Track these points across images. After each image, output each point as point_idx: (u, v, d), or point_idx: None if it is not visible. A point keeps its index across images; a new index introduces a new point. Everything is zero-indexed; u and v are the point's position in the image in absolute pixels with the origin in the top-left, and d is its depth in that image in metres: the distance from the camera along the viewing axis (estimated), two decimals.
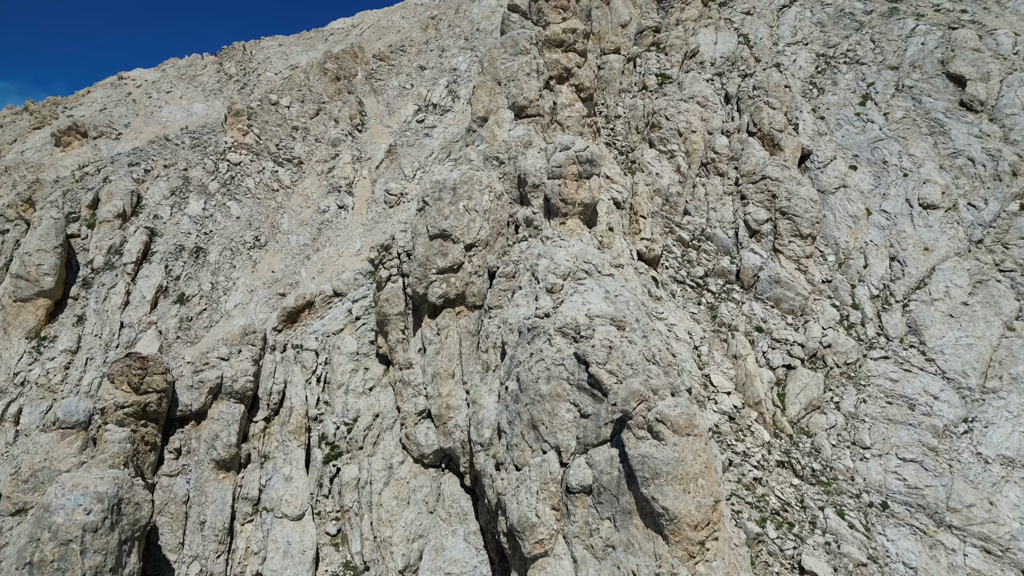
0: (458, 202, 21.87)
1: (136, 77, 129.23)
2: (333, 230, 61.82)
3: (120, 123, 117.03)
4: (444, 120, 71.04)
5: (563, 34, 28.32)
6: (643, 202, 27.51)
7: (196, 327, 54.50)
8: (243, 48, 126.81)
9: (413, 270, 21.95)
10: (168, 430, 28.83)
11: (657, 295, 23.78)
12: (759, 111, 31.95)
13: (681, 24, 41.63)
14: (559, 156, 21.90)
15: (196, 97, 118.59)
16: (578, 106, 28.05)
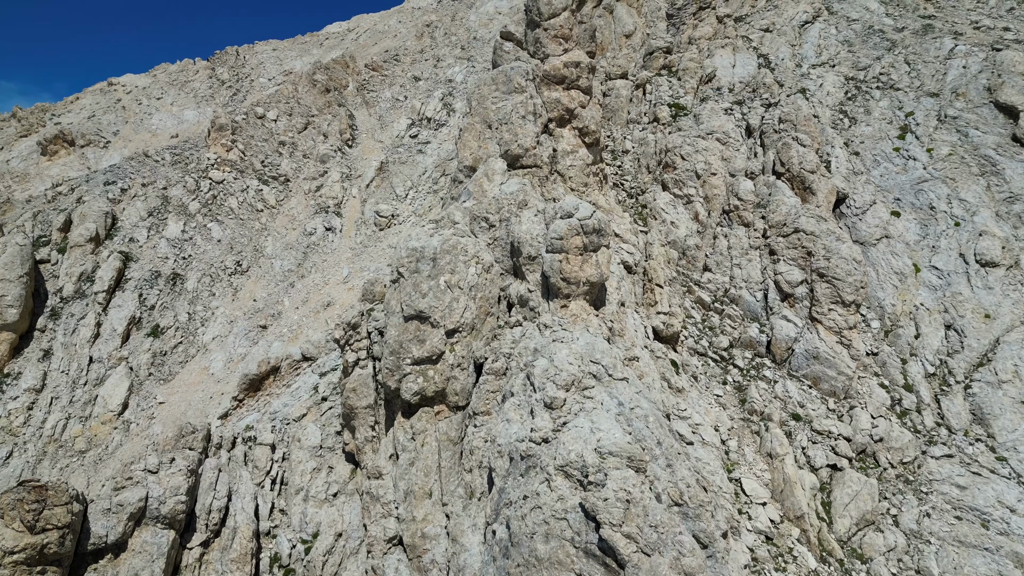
0: (439, 276, 17.73)
1: (126, 83, 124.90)
2: (320, 255, 57.58)
3: (109, 131, 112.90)
4: (439, 135, 66.72)
5: (564, 69, 24.12)
6: (659, 267, 23.26)
7: (170, 362, 50.34)
8: (236, 53, 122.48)
9: (385, 357, 17.84)
10: (77, 570, 22.96)
11: (678, 386, 19.73)
12: (787, 149, 27.67)
13: (695, 44, 37.29)
14: (560, 225, 17.69)
15: (187, 104, 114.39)
16: (582, 153, 23.77)
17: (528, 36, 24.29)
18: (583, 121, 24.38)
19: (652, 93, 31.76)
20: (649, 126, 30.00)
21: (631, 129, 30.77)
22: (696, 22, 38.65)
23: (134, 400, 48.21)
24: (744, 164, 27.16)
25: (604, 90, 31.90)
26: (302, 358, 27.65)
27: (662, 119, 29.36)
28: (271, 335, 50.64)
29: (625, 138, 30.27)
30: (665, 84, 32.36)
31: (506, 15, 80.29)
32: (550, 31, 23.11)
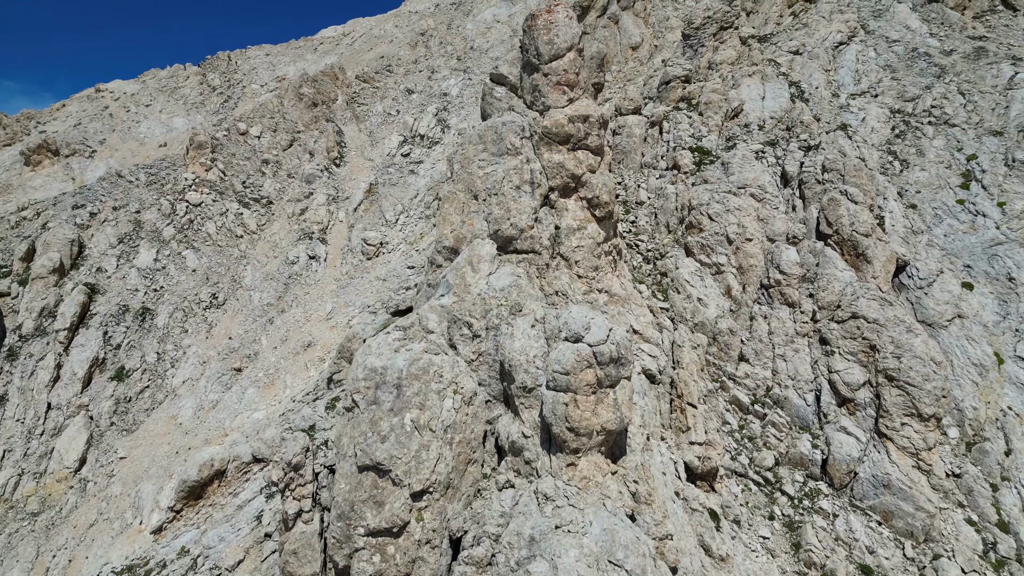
0: (404, 411, 12.98)
1: (114, 89, 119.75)
2: (302, 286, 52.58)
3: (95, 139, 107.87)
4: (432, 154, 61.64)
5: (570, 125, 18.82)
6: (691, 378, 18.31)
7: (135, 410, 45.44)
8: (228, 58, 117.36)
9: (332, 521, 13.09)
10: None
11: (720, 553, 15.05)
12: (834, 206, 22.70)
13: (716, 69, 32.23)
14: (565, 354, 12.92)
15: (177, 111, 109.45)
16: (591, 229, 18.85)
17: (524, 81, 19.27)
18: (593, 190, 19.34)
19: (670, 132, 26.86)
20: (668, 173, 25.02)
21: (646, 175, 25.83)
22: (717, 44, 33.57)
23: (93, 454, 43.34)
24: (785, 226, 22.23)
25: (614, 127, 26.93)
26: (252, 460, 22.91)
27: (683, 166, 24.39)
28: (245, 380, 45.74)
29: (639, 186, 25.35)
30: (685, 121, 27.39)
31: (505, 23, 75.15)
32: (551, 77, 18.07)
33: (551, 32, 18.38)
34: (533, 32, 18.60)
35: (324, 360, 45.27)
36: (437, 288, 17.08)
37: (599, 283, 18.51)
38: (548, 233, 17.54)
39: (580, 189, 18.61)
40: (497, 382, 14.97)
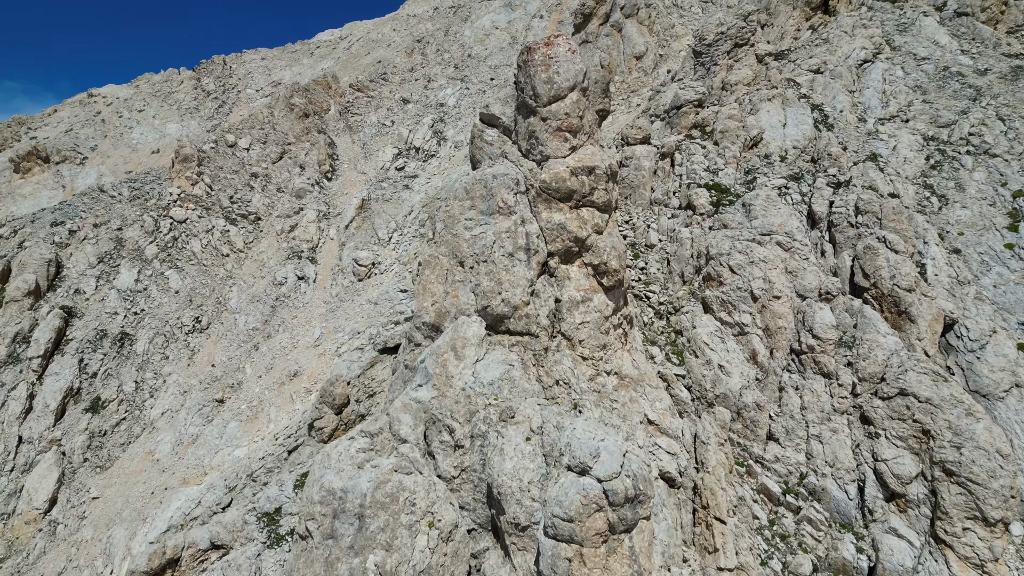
0: (366, 551, 10.24)
1: (107, 94, 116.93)
2: (289, 309, 49.69)
3: (87, 146, 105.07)
4: (427, 168, 58.70)
5: (573, 179, 15.40)
6: (719, 486, 15.31)
7: (110, 444, 42.60)
8: (223, 62, 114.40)
9: None
10: None
11: None
12: (872, 255, 19.83)
13: (730, 90, 29.28)
14: (569, 494, 10.09)
15: (170, 116, 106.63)
16: (598, 301, 15.90)
17: (519, 124, 16.25)
18: (600, 255, 16.35)
19: (683, 164, 23.96)
20: (681, 213, 22.17)
21: (657, 214, 22.97)
22: (731, 62, 30.63)
23: (64, 494, 40.52)
24: (817, 280, 19.36)
25: (620, 159, 24.01)
26: (210, 546, 20.13)
27: (699, 207, 21.53)
28: (228, 412, 42.89)
29: (649, 226, 22.51)
30: (699, 152, 24.49)
31: (504, 30, 72.18)
32: (551, 122, 15.10)
33: (550, 69, 15.43)
34: (529, 68, 15.59)
35: (310, 392, 42.45)
36: (415, 374, 14.26)
37: (607, 363, 15.63)
38: (547, 309, 14.65)
39: (585, 254, 15.70)
40: (484, 507, 12.15)
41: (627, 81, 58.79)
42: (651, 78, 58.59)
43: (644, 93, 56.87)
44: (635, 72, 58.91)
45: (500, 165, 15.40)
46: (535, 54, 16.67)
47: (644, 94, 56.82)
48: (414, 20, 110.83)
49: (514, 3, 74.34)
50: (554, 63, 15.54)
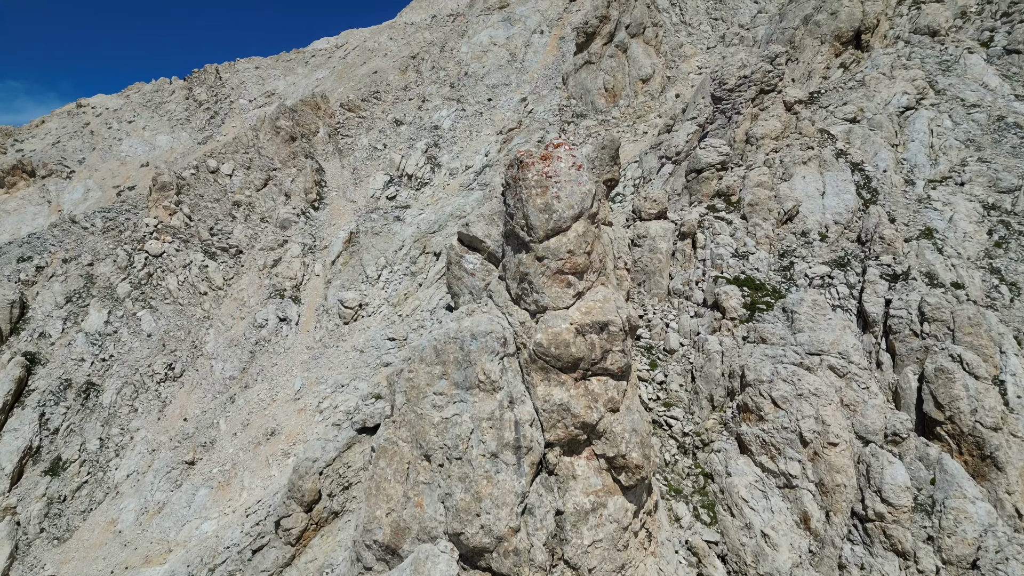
0: None
1: (96, 104, 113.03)
2: (269, 356, 45.71)
3: (74, 159, 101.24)
4: (420, 198, 54.68)
5: (579, 341, 11.12)
6: None
7: (70, 512, 38.70)
8: (216, 72, 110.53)
9: None
10: None
11: None
12: (947, 382, 15.91)
13: (756, 146, 25.25)
14: None
15: (161, 128, 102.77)
16: (614, 508, 11.74)
17: (507, 256, 11.95)
18: (615, 444, 11.55)
19: (706, 246, 20.02)
20: (707, 313, 18.21)
21: (678, 309, 19.05)
22: (756, 111, 26.58)
23: (17, 570, 36.64)
24: (882, 420, 15.43)
25: (632, 237, 19.90)
26: None
27: (729, 310, 17.63)
28: (198, 477, 38.96)
29: (668, 325, 18.60)
30: (725, 231, 20.54)
31: (502, 47, 68.05)
32: (549, 262, 11.02)
33: (548, 193, 11.33)
34: (520, 191, 11.47)
35: (288, 454, 38.55)
36: None
37: None
38: (544, 533, 10.63)
39: (595, 441, 11.72)
40: None
41: (632, 105, 54.77)
42: (658, 103, 54.55)
43: (651, 119, 52.84)
44: (641, 96, 54.87)
45: (482, 314, 11.35)
46: (528, 171, 11.91)
47: (651, 120, 52.78)
48: (411, 29, 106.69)
49: (513, 18, 70.21)
50: (554, 185, 11.45)
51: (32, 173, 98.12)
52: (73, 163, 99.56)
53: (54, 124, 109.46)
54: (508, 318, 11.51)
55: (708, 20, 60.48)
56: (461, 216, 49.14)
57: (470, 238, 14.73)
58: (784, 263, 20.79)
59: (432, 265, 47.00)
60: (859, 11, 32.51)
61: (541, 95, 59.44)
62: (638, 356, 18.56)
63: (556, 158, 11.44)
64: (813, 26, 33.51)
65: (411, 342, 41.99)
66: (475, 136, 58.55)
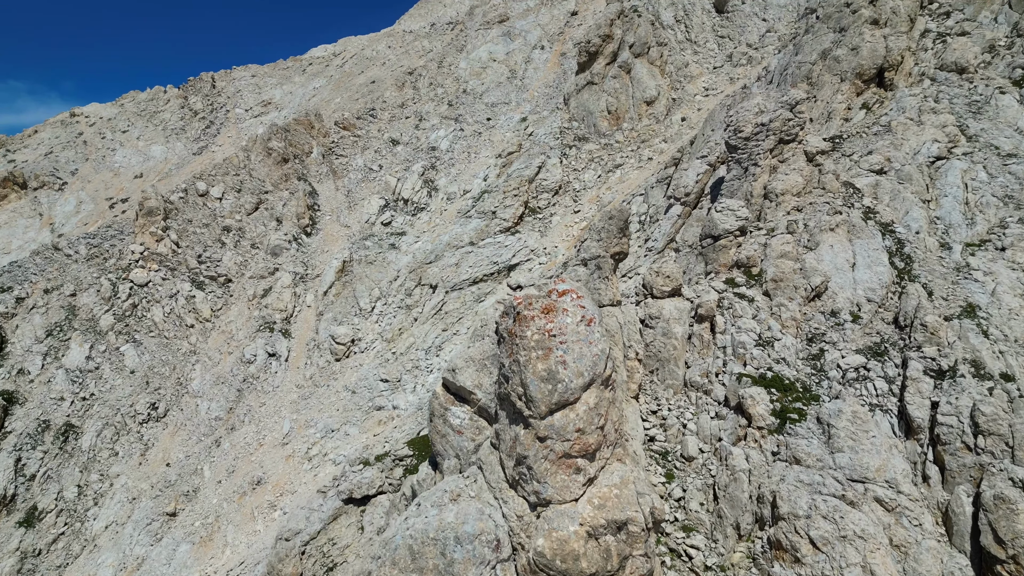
0: None
1: (90, 114, 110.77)
2: (257, 394, 43.42)
3: (67, 169, 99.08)
4: (416, 224, 52.35)
5: (589, 548, 8.32)
6: None
7: (44, 568, 36.46)
8: (211, 80, 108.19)
9: None
10: None
11: None
12: (1008, 514, 13.63)
13: (776, 202, 22.96)
14: None
15: (155, 138, 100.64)
16: None
17: (503, 427, 9.55)
18: None
19: (726, 330, 17.78)
20: (731, 416, 15.99)
21: (696, 407, 16.80)
22: (775, 162, 24.27)
23: None
24: (939, 566, 13.25)
25: (643, 316, 17.68)
26: None
27: (756, 417, 15.40)
28: (179, 530, 36.72)
29: (685, 426, 16.36)
30: (747, 311, 18.25)
31: (502, 62, 65.65)
32: (553, 444, 8.50)
33: (552, 356, 8.67)
34: (518, 350, 8.58)
35: (275, 507, 36.32)
36: None
37: None
38: None
39: None
40: None
41: (636, 129, 52.41)
42: (663, 126, 52.17)
43: (656, 144, 50.48)
44: (645, 119, 52.51)
45: (469, 499, 8.88)
46: (526, 327, 9.15)
47: (656, 145, 50.43)
48: (410, 37, 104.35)
49: (513, 32, 67.77)
50: (559, 346, 8.83)
51: (24, 185, 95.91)
52: (66, 174, 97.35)
53: (47, 134, 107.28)
54: (502, 507, 9.21)
55: (714, 38, 58.06)
56: (458, 246, 46.89)
57: (457, 388, 12.37)
58: (813, 350, 18.50)
59: (428, 298, 44.72)
60: (882, 47, 30.17)
61: (542, 115, 57.08)
62: (651, 465, 16.29)
63: (562, 310, 9.07)
64: (832, 62, 31.17)
65: (404, 383, 39.77)
66: (474, 158, 56.20)
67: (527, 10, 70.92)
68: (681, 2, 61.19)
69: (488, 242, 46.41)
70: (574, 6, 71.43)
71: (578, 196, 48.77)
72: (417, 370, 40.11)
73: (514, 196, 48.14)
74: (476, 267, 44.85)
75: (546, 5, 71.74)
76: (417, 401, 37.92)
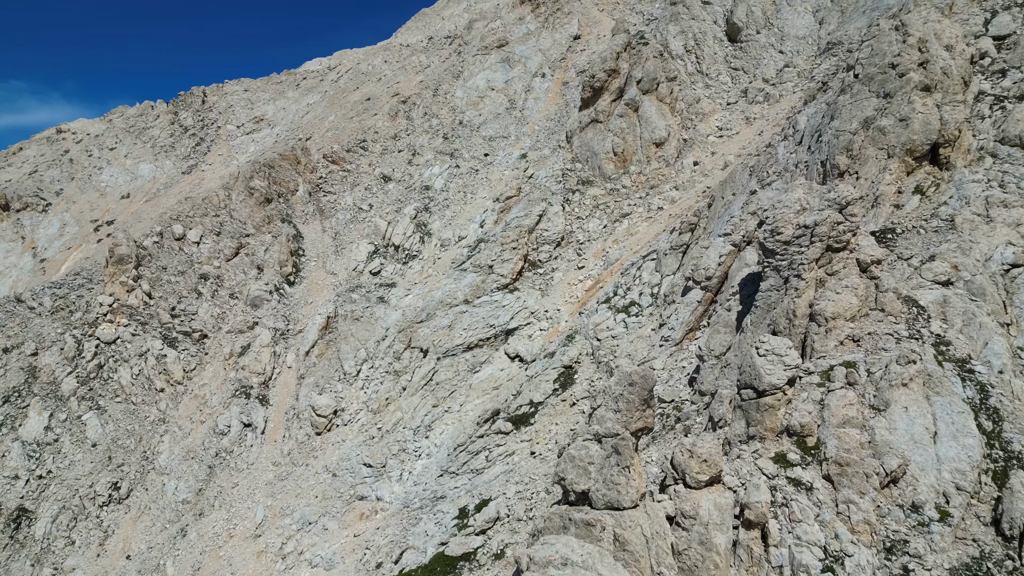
0: None
1: (77, 130, 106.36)
2: (230, 473, 39.16)
3: (52, 189, 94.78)
4: (407, 274, 48.02)
5: None
6: None
7: None
8: (202, 95, 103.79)
9: None
10: None
11: None
12: None
13: (827, 328, 18.72)
14: None
15: (144, 156, 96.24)
16: None
17: None
18: None
19: (783, 543, 13.58)
20: None
21: None
22: (823, 274, 19.99)
23: None
24: None
25: (670, 512, 13.65)
26: None
27: None
28: None
29: None
30: (808, 514, 13.93)
31: (500, 91, 61.23)
32: None
33: None
34: None
35: None
36: None
37: None
38: None
39: None
40: None
41: (645, 172, 48.04)
42: (674, 170, 47.79)
43: (666, 191, 46.08)
44: (655, 161, 48.15)
45: None
46: None
47: (666, 192, 46.03)
48: (407, 51, 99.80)
49: (512, 59, 63.31)
50: None
51: (6, 206, 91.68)
52: (50, 195, 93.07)
53: (32, 151, 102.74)
54: None
55: (727, 70, 53.63)
56: (451, 304, 42.60)
57: None
58: (895, 568, 14.19)
59: (418, 365, 40.42)
60: (936, 120, 25.79)
61: (543, 153, 52.69)
62: None
63: None
64: (876, 133, 26.79)
65: (390, 470, 35.51)
66: (470, 199, 51.84)
67: (527, 34, 66.43)
68: (691, 30, 56.74)
69: (484, 300, 42.10)
70: (577, 29, 66.99)
71: (582, 249, 44.44)
72: (404, 454, 35.86)
73: (512, 249, 43.80)
74: (471, 330, 40.56)
75: (547, 28, 67.24)
76: (404, 494, 33.70)
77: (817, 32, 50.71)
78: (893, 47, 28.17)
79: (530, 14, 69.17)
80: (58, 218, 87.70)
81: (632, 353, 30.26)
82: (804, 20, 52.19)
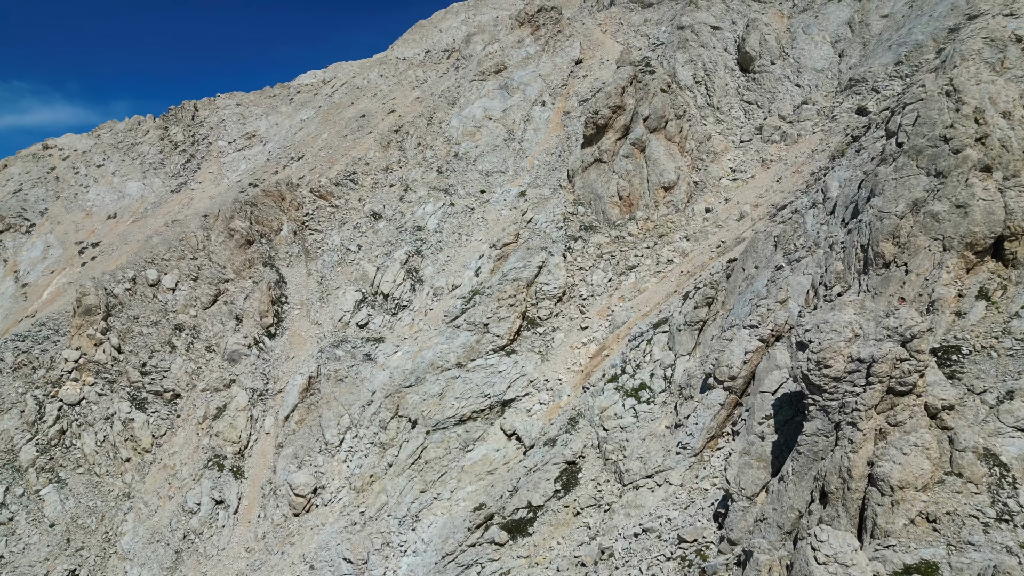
0: None
1: (64, 146, 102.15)
2: (198, 559, 35.34)
3: (36, 209, 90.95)
4: (396, 328, 44.13)
5: None
6: None
7: None
8: (193, 109, 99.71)
9: None
10: None
11: None
12: None
13: (893, 501, 14.93)
14: None
15: (132, 173, 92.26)
16: None
17: None
18: None
19: None
20: None
21: None
22: (883, 422, 16.15)
23: None
24: None
25: None
26: None
27: None
28: None
29: None
30: None
31: (498, 121, 57.22)
32: None
33: None
34: None
35: None
36: None
37: None
38: None
39: None
40: None
41: (653, 219, 44.10)
42: (684, 216, 43.84)
43: (676, 242, 42.14)
44: (663, 207, 44.22)
45: None
46: None
47: (676, 243, 42.09)
48: (403, 65, 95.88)
49: (511, 85, 59.31)
50: None
51: None
52: (34, 215, 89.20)
53: (17, 169, 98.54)
54: None
55: (740, 103, 49.64)
56: (443, 367, 38.71)
57: None
58: None
59: (405, 439, 36.56)
60: (1000, 208, 21.86)
61: (543, 193, 48.75)
62: None
63: None
64: (928, 219, 22.86)
65: (372, 567, 31.66)
66: (465, 242, 47.92)
67: (526, 58, 62.37)
68: (700, 58, 52.70)
69: (478, 364, 38.23)
70: (579, 53, 62.96)
71: (585, 306, 40.53)
72: (388, 548, 32.04)
73: (510, 306, 39.89)
74: (464, 400, 36.71)
75: (547, 52, 63.19)
76: None
77: (837, 65, 46.68)
78: (944, 116, 24.20)
79: (529, 36, 65.08)
80: (42, 240, 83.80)
81: (644, 455, 26.42)
82: (822, 51, 48.14)
